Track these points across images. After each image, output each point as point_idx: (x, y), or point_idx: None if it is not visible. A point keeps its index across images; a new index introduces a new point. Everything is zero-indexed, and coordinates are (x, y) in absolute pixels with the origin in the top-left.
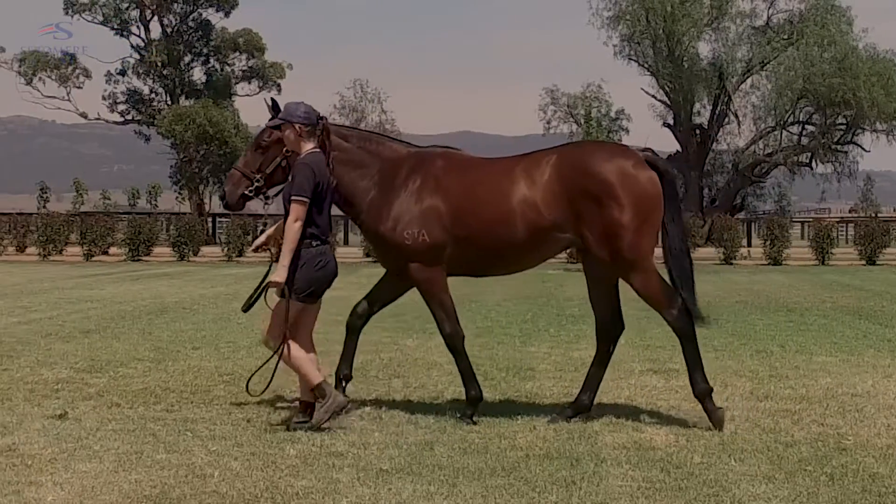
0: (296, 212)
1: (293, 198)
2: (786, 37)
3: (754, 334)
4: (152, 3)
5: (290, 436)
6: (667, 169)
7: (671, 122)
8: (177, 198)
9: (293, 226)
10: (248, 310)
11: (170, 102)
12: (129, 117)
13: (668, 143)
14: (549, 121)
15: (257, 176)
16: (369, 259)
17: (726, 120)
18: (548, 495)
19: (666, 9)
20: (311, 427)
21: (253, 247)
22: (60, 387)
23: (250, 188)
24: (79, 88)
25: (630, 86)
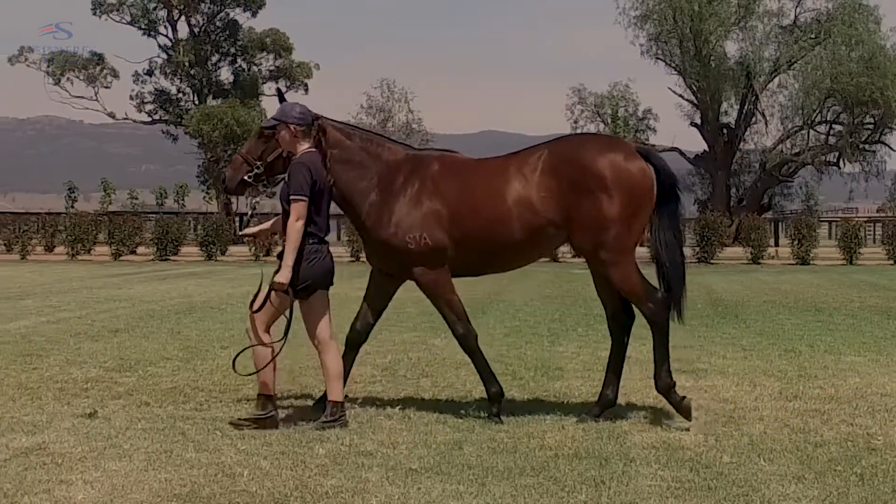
0: (297, 211)
1: (292, 197)
2: (813, 36)
3: (783, 334)
4: (180, 4)
5: (319, 435)
6: (661, 163)
7: (698, 121)
8: (204, 197)
9: (295, 225)
10: (259, 310)
11: (197, 102)
12: (156, 117)
13: (696, 142)
14: (576, 120)
15: (258, 163)
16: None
17: (753, 119)
18: (577, 495)
19: (693, 8)
20: (231, 421)
21: (242, 232)
22: (90, 386)
23: (250, 174)
24: (107, 88)
25: (657, 85)
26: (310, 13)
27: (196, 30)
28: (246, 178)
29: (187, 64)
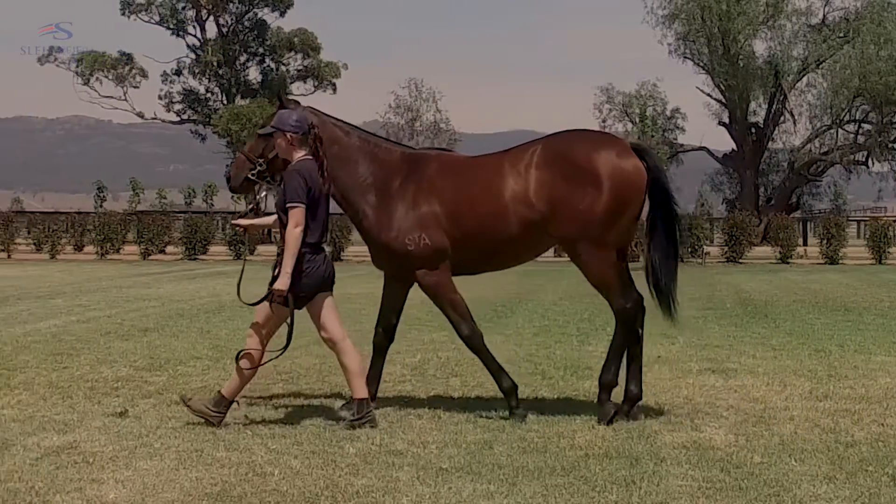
0: (295, 217)
1: (289, 205)
2: (842, 35)
3: (812, 333)
4: (208, 3)
5: (349, 434)
6: (654, 162)
7: (726, 120)
8: (233, 197)
9: (293, 232)
10: (257, 303)
11: (225, 102)
12: (184, 117)
13: (724, 141)
14: (604, 119)
15: (260, 160)
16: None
17: (782, 118)
18: (608, 494)
19: (721, 7)
20: (193, 409)
21: (235, 221)
22: (120, 385)
23: (253, 171)
24: (135, 88)
25: (685, 84)
26: (338, 13)
27: (224, 29)
28: (250, 175)
29: (216, 64)
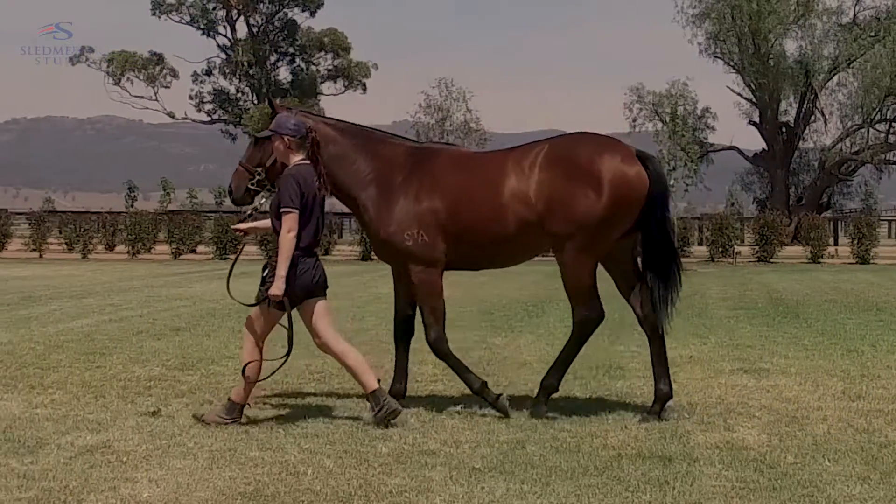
0: (288, 223)
1: (282, 210)
2: (872, 34)
3: (844, 333)
4: (239, 4)
5: (382, 434)
6: (657, 170)
7: (757, 120)
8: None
9: (287, 237)
10: (255, 304)
11: (256, 102)
12: (215, 117)
13: (754, 141)
14: (634, 119)
15: (259, 170)
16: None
17: (813, 118)
18: (641, 495)
19: (752, 6)
20: (204, 417)
21: (234, 226)
22: (153, 384)
23: (253, 181)
24: (166, 88)
25: (715, 84)
26: (368, 12)
27: (255, 29)
28: (250, 186)
29: (246, 64)
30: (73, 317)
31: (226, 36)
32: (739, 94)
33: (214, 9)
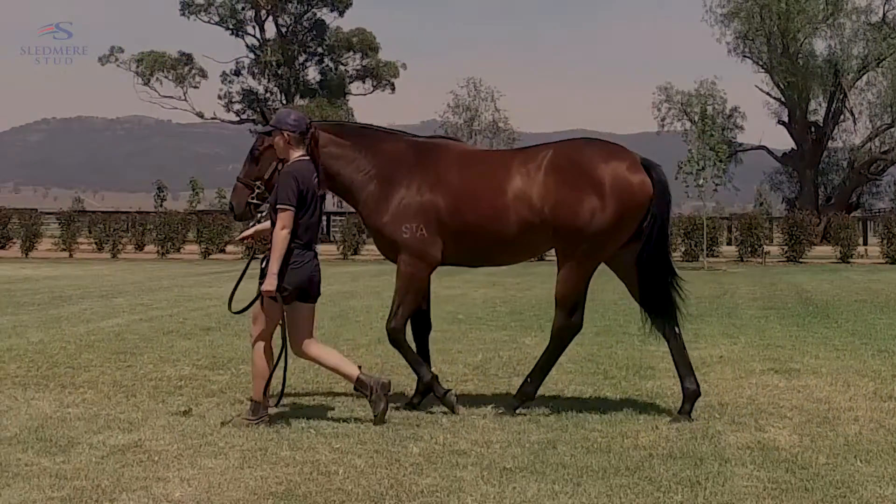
0: (282, 220)
1: (278, 206)
2: None
3: (875, 333)
4: (267, 4)
5: (412, 433)
6: (661, 178)
7: (786, 119)
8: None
9: (280, 234)
10: (241, 312)
11: (284, 102)
12: (244, 117)
13: (783, 140)
14: (663, 118)
15: (258, 184)
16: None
17: (842, 117)
18: (673, 495)
19: (781, 5)
20: (233, 423)
21: (239, 237)
22: (183, 383)
23: (253, 196)
24: (195, 88)
25: (743, 83)
26: (397, 12)
27: (283, 29)
28: (250, 200)
29: (275, 64)
30: (104, 316)
31: (254, 36)
32: (768, 94)
33: (243, 9)
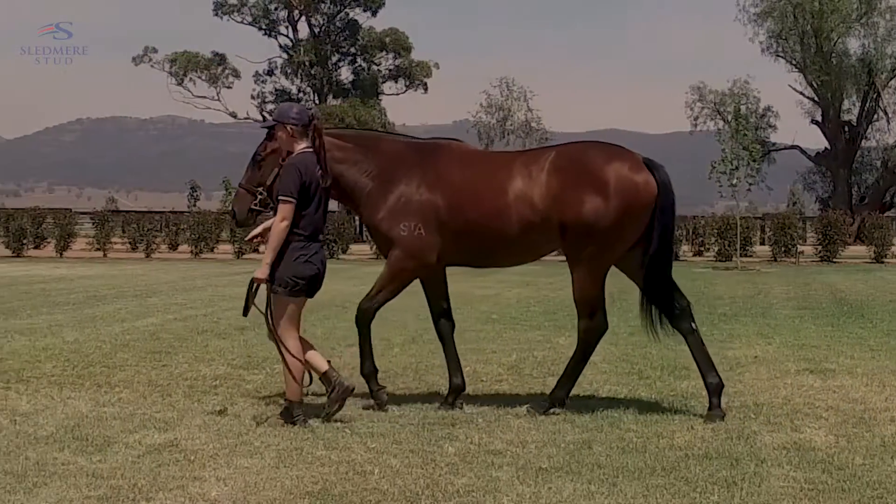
0: (282, 212)
1: (280, 198)
2: None
3: None
4: (300, 4)
5: (448, 433)
6: (665, 178)
7: (819, 118)
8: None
9: (279, 225)
10: (246, 313)
11: (317, 101)
12: None
13: (816, 140)
14: (695, 118)
15: (260, 189)
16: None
17: (875, 116)
18: (709, 496)
19: (814, 4)
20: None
21: (248, 237)
22: (219, 383)
23: (255, 202)
24: (228, 88)
25: (776, 82)
26: (429, 12)
27: (316, 30)
28: (252, 206)
29: (308, 64)
30: (138, 316)
31: (287, 36)
32: (801, 93)
33: (276, 9)
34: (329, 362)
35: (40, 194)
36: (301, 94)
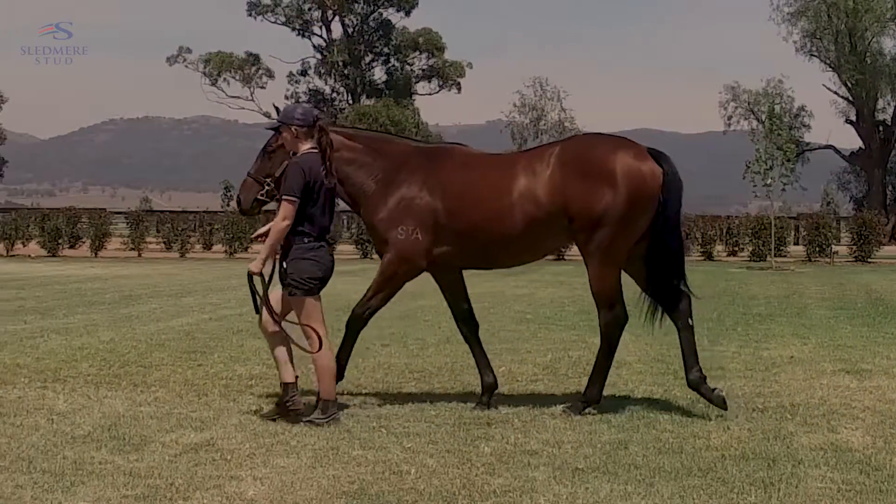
0: (284, 211)
1: (283, 198)
2: None
3: None
4: (334, 4)
5: (483, 433)
6: (671, 168)
7: (853, 118)
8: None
9: (280, 224)
10: (258, 310)
11: (351, 102)
12: None
13: (851, 139)
14: (729, 117)
15: (267, 180)
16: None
17: None
18: (746, 496)
19: (848, 4)
20: (304, 422)
21: (255, 235)
22: (254, 382)
23: (262, 192)
24: (262, 89)
25: (811, 82)
26: (463, 12)
27: (350, 30)
28: (259, 196)
29: (341, 64)
30: (173, 315)
31: (321, 36)
32: (836, 93)
33: (310, 9)
34: (297, 377)
35: (75, 194)
36: (335, 95)
